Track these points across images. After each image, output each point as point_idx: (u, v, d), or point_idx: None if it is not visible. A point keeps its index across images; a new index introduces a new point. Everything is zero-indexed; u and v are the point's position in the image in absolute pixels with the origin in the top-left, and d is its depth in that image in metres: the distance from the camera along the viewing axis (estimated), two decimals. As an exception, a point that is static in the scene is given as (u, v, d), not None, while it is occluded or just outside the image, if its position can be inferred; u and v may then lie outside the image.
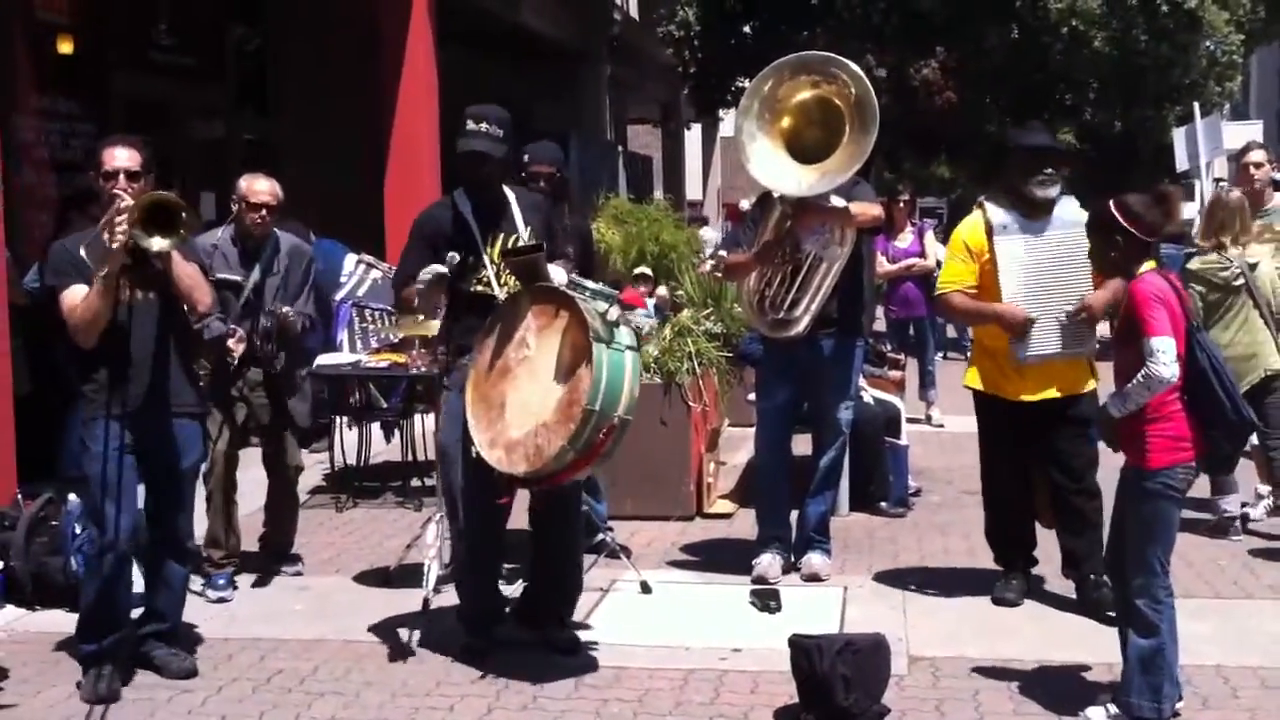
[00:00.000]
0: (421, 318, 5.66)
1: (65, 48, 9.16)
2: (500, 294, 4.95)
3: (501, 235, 5.02)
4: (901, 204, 10.53)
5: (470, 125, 5.04)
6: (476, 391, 4.84)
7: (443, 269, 4.88)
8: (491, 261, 4.98)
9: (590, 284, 5.10)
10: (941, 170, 28.21)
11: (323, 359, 7.35)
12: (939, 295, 5.73)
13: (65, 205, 8.08)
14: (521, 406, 4.73)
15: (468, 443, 4.82)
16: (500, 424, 4.77)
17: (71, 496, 5.66)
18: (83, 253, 4.65)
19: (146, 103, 9.92)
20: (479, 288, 4.97)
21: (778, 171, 5.71)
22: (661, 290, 9.56)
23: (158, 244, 4.46)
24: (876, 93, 5.73)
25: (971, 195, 24.22)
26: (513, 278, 4.94)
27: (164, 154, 10.24)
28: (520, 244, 5.00)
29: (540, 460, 4.62)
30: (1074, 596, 5.51)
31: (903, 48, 16.01)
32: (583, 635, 5.22)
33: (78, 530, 5.57)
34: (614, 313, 4.71)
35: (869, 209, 5.80)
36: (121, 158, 4.67)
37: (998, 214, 5.47)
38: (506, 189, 5.16)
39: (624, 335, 4.73)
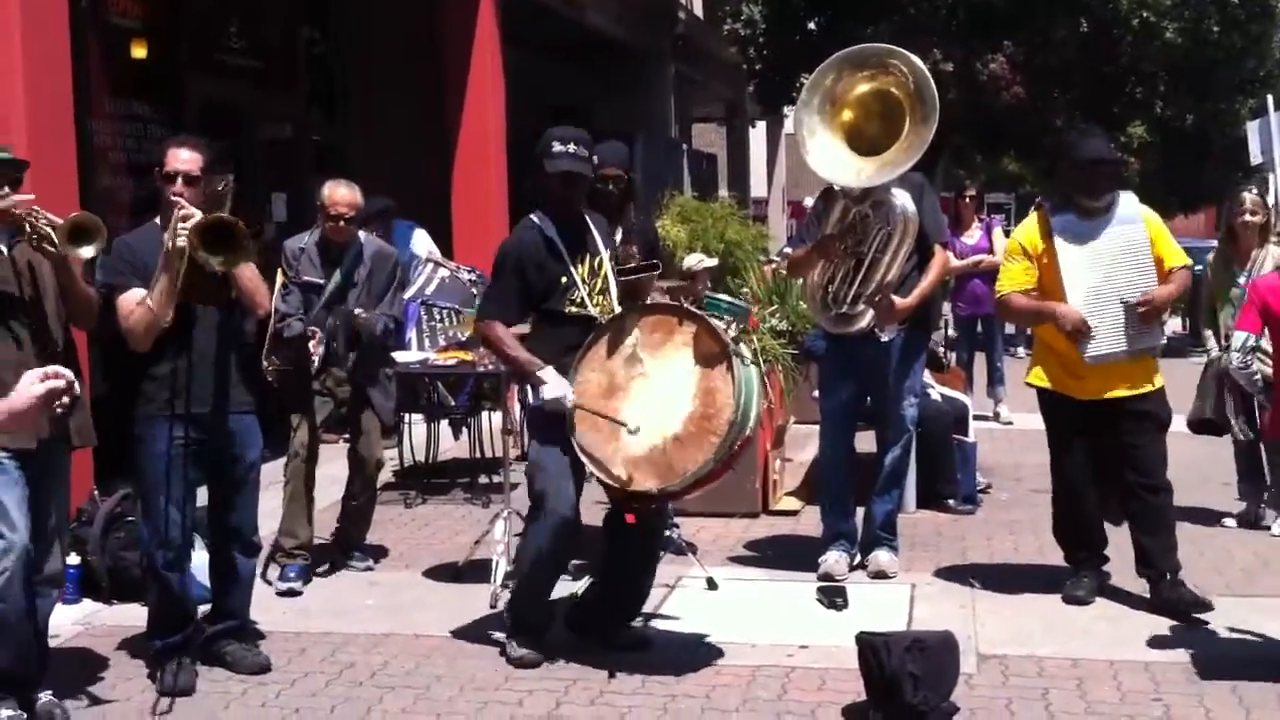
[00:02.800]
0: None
1: (139, 52, 9.31)
2: (595, 314, 4.93)
3: (588, 255, 5.01)
4: (968, 199, 10.44)
5: (558, 147, 4.99)
6: (580, 412, 4.81)
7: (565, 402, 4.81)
8: (584, 282, 4.95)
9: (724, 298, 5.17)
10: (1010, 166, 27.93)
11: (395, 357, 7.44)
12: (998, 298, 5.70)
13: (141, 208, 8.22)
14: (643, 423, 4.72)
15: (574, 461, 4.81)
16: (615, 443, 4.76)
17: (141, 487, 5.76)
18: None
19: (218, 105, 10.06)
20: (573, 308, 4.95)
21: (837, 164, 5.70)
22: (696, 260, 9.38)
23: (218, 264, 4.55)
24: (943, 88, 5.71)
25: (1041, 191, 23.98)
26: (601, 297, 4.95)
27: (235, 156, 10.45)
28: (635, 263, 5.11)
29: (674, 475, 4.65)
30: (1145, 595, 5.45)
31: (970, 42, 15.87)
32: (649, 631, 5.25)
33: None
34: (733, 330, 4.73)
35: (932, 283, 5.85)
36: (182, 160, 4.71)
37: (1056, 218, 5.43)
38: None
39: (745, 350, 4.76)
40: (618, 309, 4.94)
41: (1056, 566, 5.76)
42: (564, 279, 4.94)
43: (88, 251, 4.37)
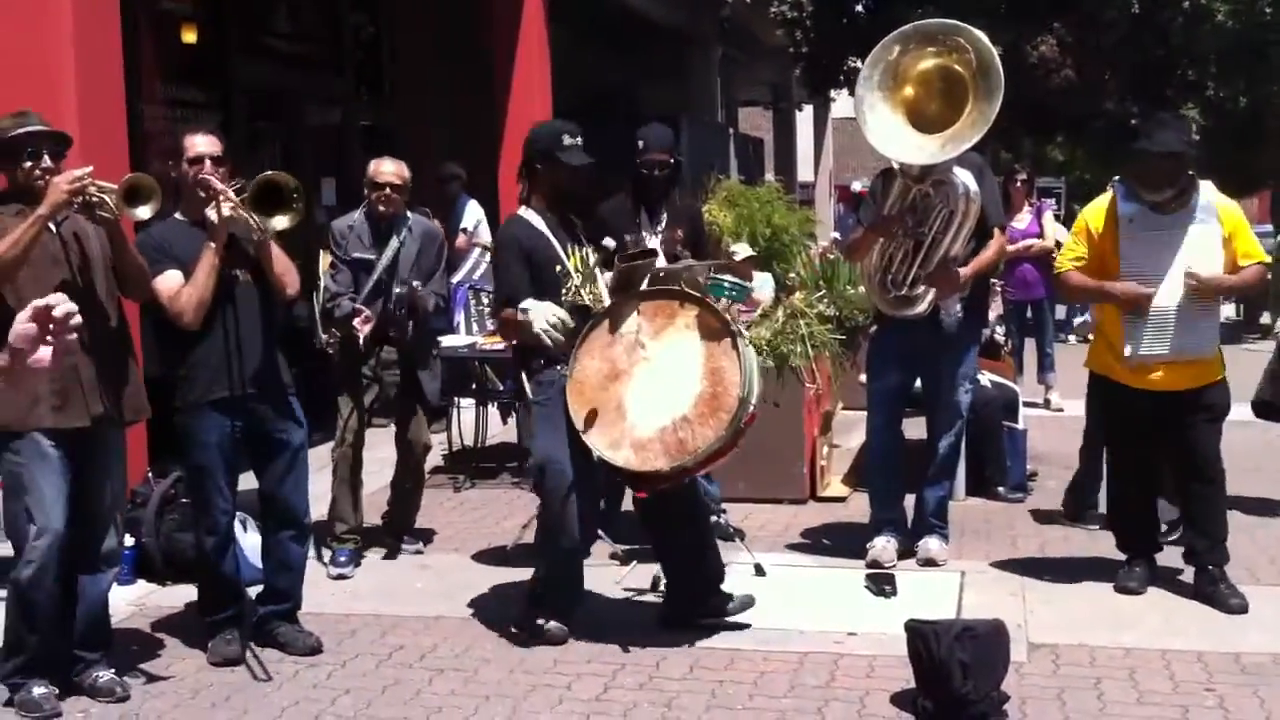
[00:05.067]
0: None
1: (189, 37, 9.37)
2: (591, 303, 4.99)
3: (575, 247, 5.09)
4: (1019, 183, 10.34)
5: (569, 140, 5.10)
6: (580, 399, 4.88)
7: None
8: (577, 271, 5.02)
9: (727, 279, 5.21)
10: (1054, 153, 27.64)
11: (442, 340, 7.47)
12: (1057, 274, 5.63)
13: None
14: (647, 405, 4.81)
15: (580, 447, 4.87)
16: (621, 425, 4.83)
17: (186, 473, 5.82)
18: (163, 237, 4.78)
19: (266, 90, 10.12)
20: (567, 298, 5.01)
21: (899, 141, 5.60)
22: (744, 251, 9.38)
23: (280, 223, 4.63)
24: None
25: (1092, 175, 23.65)
26: (591, 287, 5.00)
27: (284, 141, 10.51)
28: (632, 250, 5.17)
29: (684, 453, 4.74)
30: (1199, 585, 5.40)
31: (1018, 24, 15.69)
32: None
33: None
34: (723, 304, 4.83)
35: (990, 258, 5.79)
36: (203, 144, 4.77)
37: (1124, 205, 5.33)
38: None
39: (742, 329, 4.90)
40: (605, 299, 4.99)
41: (1109, 556, 5.72)
42: (558, 268, 5.01)
43: (144, 211, 4.43)
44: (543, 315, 4.86)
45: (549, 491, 4.98)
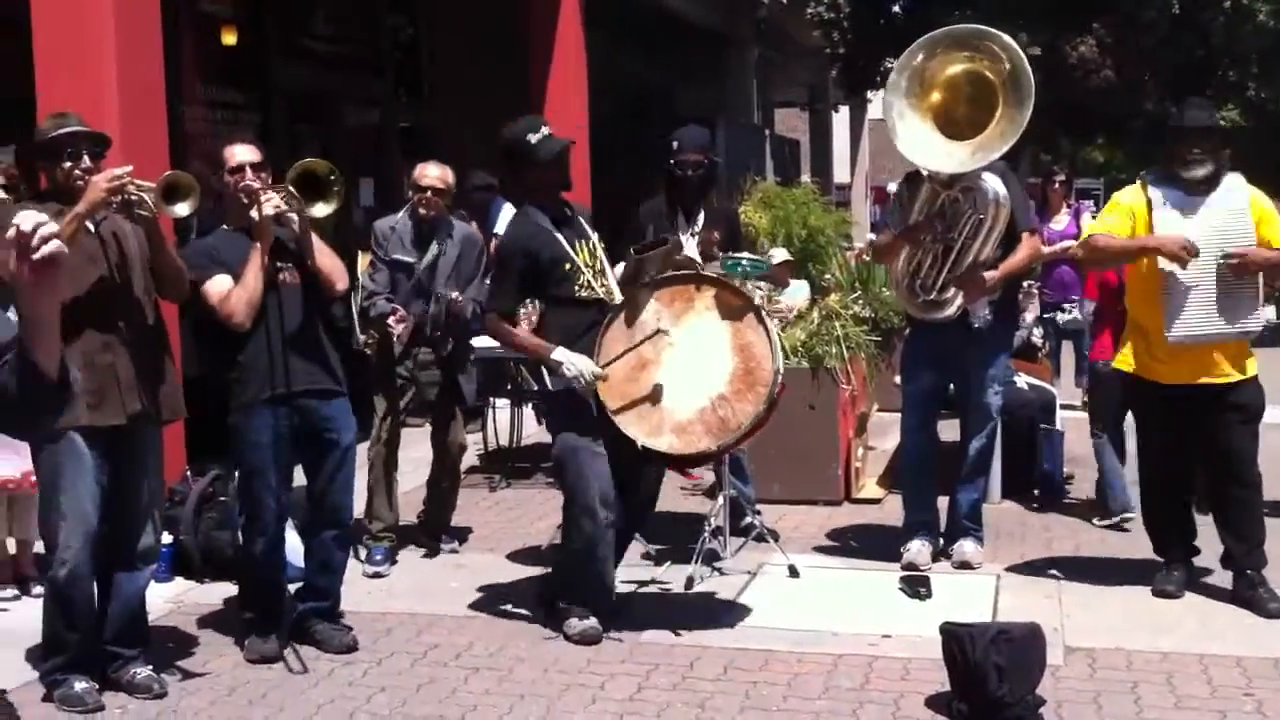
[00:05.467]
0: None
1: (229, 39, 9.46)
2: (604, 296, 5.04)
3: (582, 240, 5.13)
4: (1057, 185, 10.28)
5: (543, 131, 5.16)
6: (611, 392, 4.93)
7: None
8: (586, 265, 5.06)
9: (745, 256, 5.46)
10: (1094, 155, 27.45)
11: (477, 342, 7.49)
12: (1087, 240, 5.53)
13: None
14: (681, 388, 4.91)
15: (605, 435, 4.92)
16: (658, 412, 4.91)
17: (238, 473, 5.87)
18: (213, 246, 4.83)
19: (306, 93, 10.20)
20: (583, 293, 5.05)
21: (928, 148, 5.61)
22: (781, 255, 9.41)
23: (320, 210, 4.71)
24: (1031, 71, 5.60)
25: (1130, 177, 23.52)
26: (602, 280, 5.06)
27: (323, 142, 10.57)
28: (648, 241, 5.26)
29: (727, 430, 4.89)
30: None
31: (1057, 25, 15.60)
32: (730, 619, 5.25)
33: (244, 507, 5.78)
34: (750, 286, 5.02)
35: (1019, 261, 5.75)
36: (243, 153, 4.83)
37: (1157, 191, 5.32)
38: None
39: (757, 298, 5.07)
40: (615, 290, 5.05)
41: (1146, 559, 5.68)
42: (568, 265, 5.04)
43: (183, 209, 4.46)
44: (576, 367, 4.90)
45: (572, 478, 5.00)
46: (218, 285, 4.72)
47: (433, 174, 6.14)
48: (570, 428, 5.01)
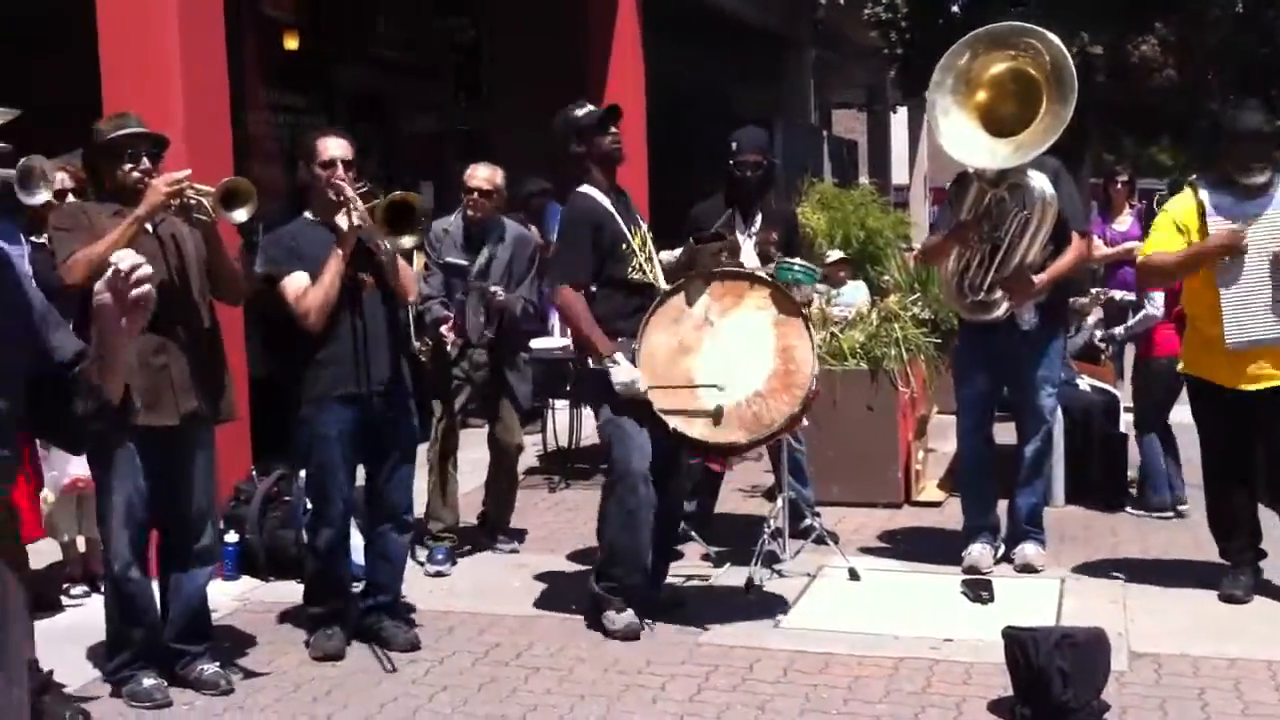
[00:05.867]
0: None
1: (291, 43, 9.57)
2: (657, 280, 5.11)
3: (635, 226, 5.21)
4: (1120, 185, 10.17)
5: (581, 110, 5.23)
6: (651, 372, 5.01)
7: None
8: (641, 250, 5.13)
9: (797, 262, 5.61)
10: (1161, 156, 27.12)
11: (536, 343, 7.53)
12: (1140, 262, 5.49)
13: (295, 195, 8.46)
14: (719, 380, 4.99)
15: (647, 420, 4.99)
16: (690, 399, 5.01)
17: (303, 473, 5.92)
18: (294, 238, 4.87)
19: (367, 96, 10.29)
20: (636, 275, 5.12)
21: (971, 145, 5.59)
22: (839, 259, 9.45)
23: (408, 241, 4.80)
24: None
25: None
26: (650, 266, 5.14)
27: (384, 145, 10.67)
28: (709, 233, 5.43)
29: (761, 427, 4.99)
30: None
31: (1119, 24, 15.44)
32: (790, 620, 5.25)
33: (309, 505, 5.83)
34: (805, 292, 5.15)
35: (1067, 264, 5.71)
36: (338, 147, 4.84)
37: (1210, 196, 5.25)
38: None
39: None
40: (660, 278, 5.14)
41: (1212, 562, 5.60)
42: (624, 246, 5.10)
43: (241, 215, 4.51)
44: (627, 376, 4.94)
45: (618, 451, 5.04)
46: (295, 282, 4.75)
47: (481, 175, 6.17)
48: (612, 404, 5.05)
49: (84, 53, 5.91)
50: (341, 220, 4.71)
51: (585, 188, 5.20)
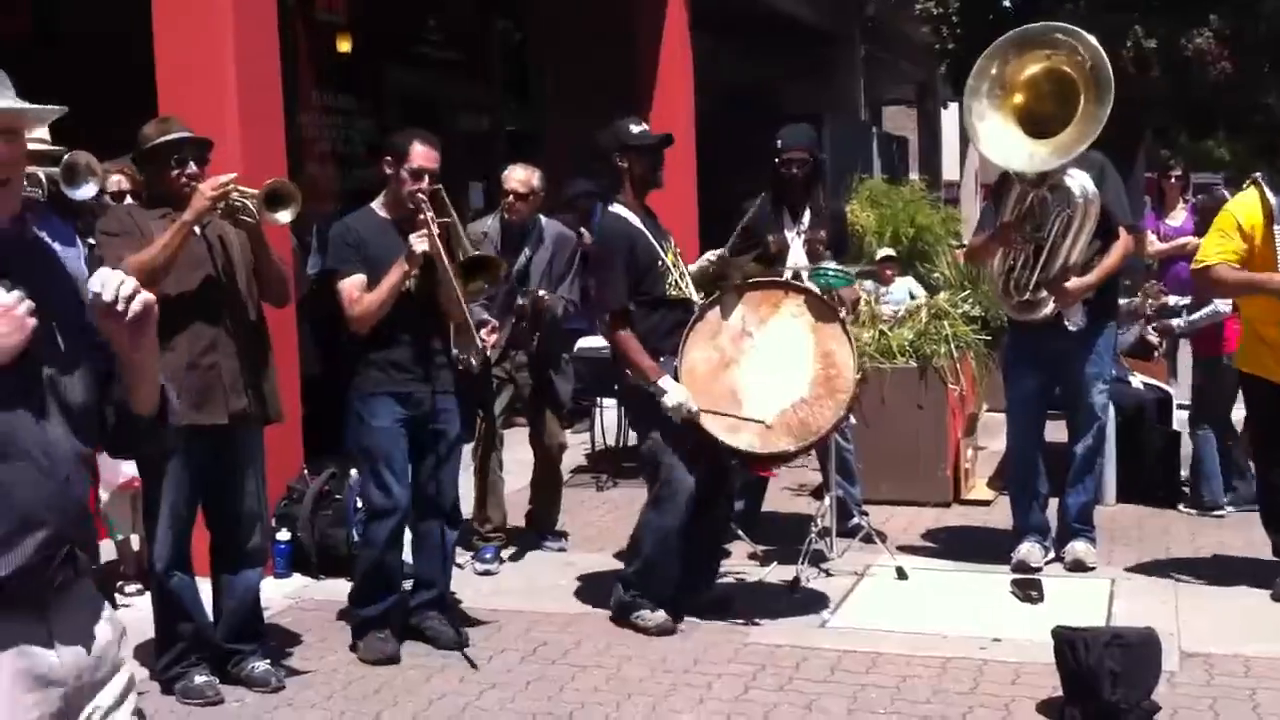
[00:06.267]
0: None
1: (343, 46, 9.65)
2: (692, 296, 5.13)
3: (666, 242, 5.22)
4: (1174, 180, 10.06)
5: (635, 127, 5.25)
6: (694, 388, 5.01)
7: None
8: (674, 266, 5.14)
9: (831, 267, 5.64)
10: (1219, 151, 26.76)
11: (583, 342, 7.56)
12: (1199, 268, 5.37)
13: (348, 196, 8.54)
14: (763, 390, 5.02)
15: (693, 437, 4.99)
16: (736, 410, 5.01)
17: (353, 471, 5.98)
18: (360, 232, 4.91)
19: (417, 98, 10.36)
20: (673, 292, 5.14)
21: (1009, 148, 5.57)
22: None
23: (475, 289, 4.94)
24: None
25: (1249, 171, 22.86)
26: (682, 281, 5.17)
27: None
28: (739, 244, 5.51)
29: (808, 433, 5.03)
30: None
31: (1173, 17, 15.25)
32: (837, 619, 5.24)
33: (359, 504, 5.88)
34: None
35: (1113, 263, 5.66)
36: (429, 159, 4.83)
37: (1276, 200, 5.17)
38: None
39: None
40: (693, 294, 5.16)
41: (1265, 561, 5.54)
42: (659, 264, 5.13)
43: (284, 216, 4.56)
44: (677, 399, 4.95)
45: (663, 477, 5.07)
46: (353, 283, 4.78)
47: (517, 178, 6.15)
48: (662, 423, 5.05)
49: (140, 59, 5.97)
50: (418, 244, 4.68)
51: (617, 207, 5.23)
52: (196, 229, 4.49)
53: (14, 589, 2.19)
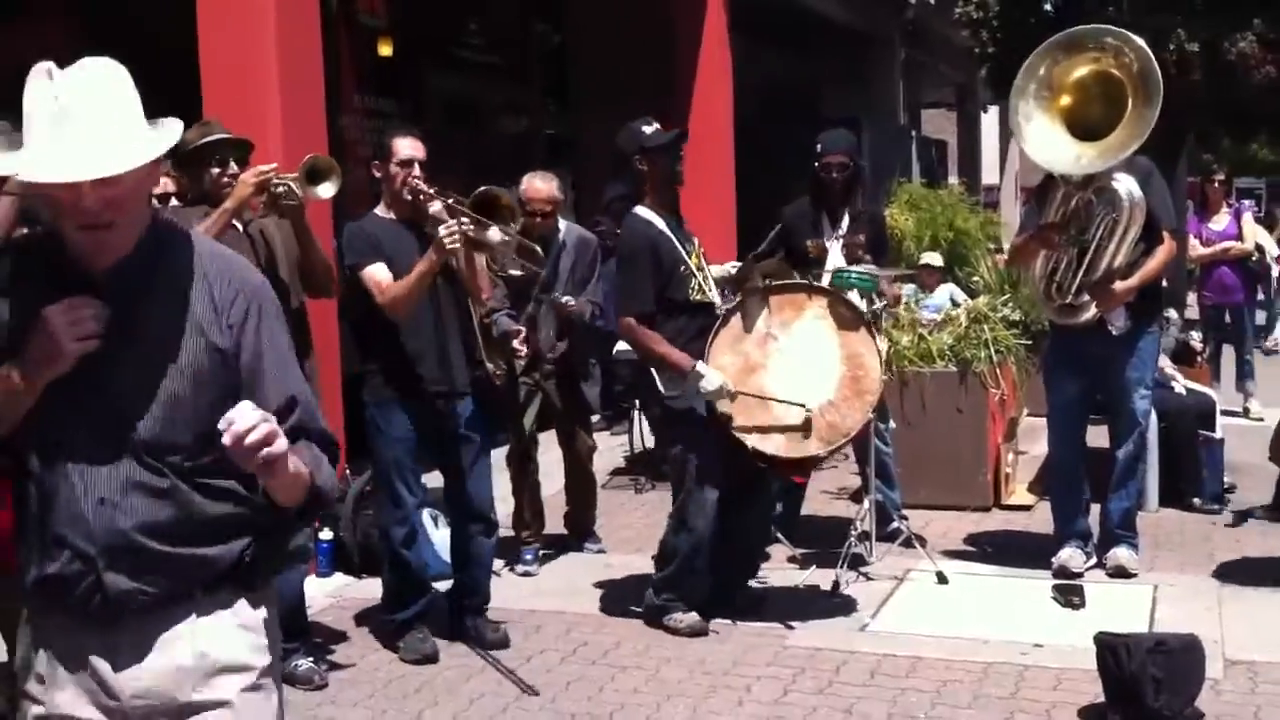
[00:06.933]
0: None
1: (384, 49, 9.70)
2: (717, 299, 5.13)
3: (688, 244, 5.20)
4: (1217, 184, 10.00)
5: (648, 128, 5.23)
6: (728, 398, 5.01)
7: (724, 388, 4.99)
8: (697, 269, 5.13)
9: (855, 270, 5.58)
10: (1263, 153, 26.53)
11: (622, 345, 7.55)
12: None
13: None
14: (789, 393, 5.02)
15: (722, 443, 4.99)
16: (765, 416, 5.02)
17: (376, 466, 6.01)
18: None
19: (457, 100, 10.41)
20: (697, 296, 5.14)
21: (1055, 150, 5.54)
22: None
23: (494, 235, 4.92)
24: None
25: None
26: (706, 285, 5.16)
27: (473, 149, 10.78)
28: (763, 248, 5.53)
29: (837, 435, 5.04)
30: None
31: (1216, 20, 15.13)
32: (877, 623, 5.23)
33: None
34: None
35: (1156, 267, 5.63)
36: (413, 147, 4.91)
37: None
38: None
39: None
40: (715, 295, 5.15)
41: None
42: (683, 268, 5.11)
43: (326, 190, 4.59)
44: (715, 382, 4.95)
45: (691, 485, 5.08)
46: (378, 273, 4.80)
47: (540, 192, 6.10)
48: (690, 428, 5.07)
49: (185, 65, 6.03)
50: (446, 238, 4.69)
51: (641, 210, 5.22)
52: (238, 224, 4.53)
53: (55, 594, 2.22)
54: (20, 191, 3.75)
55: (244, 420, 2.07)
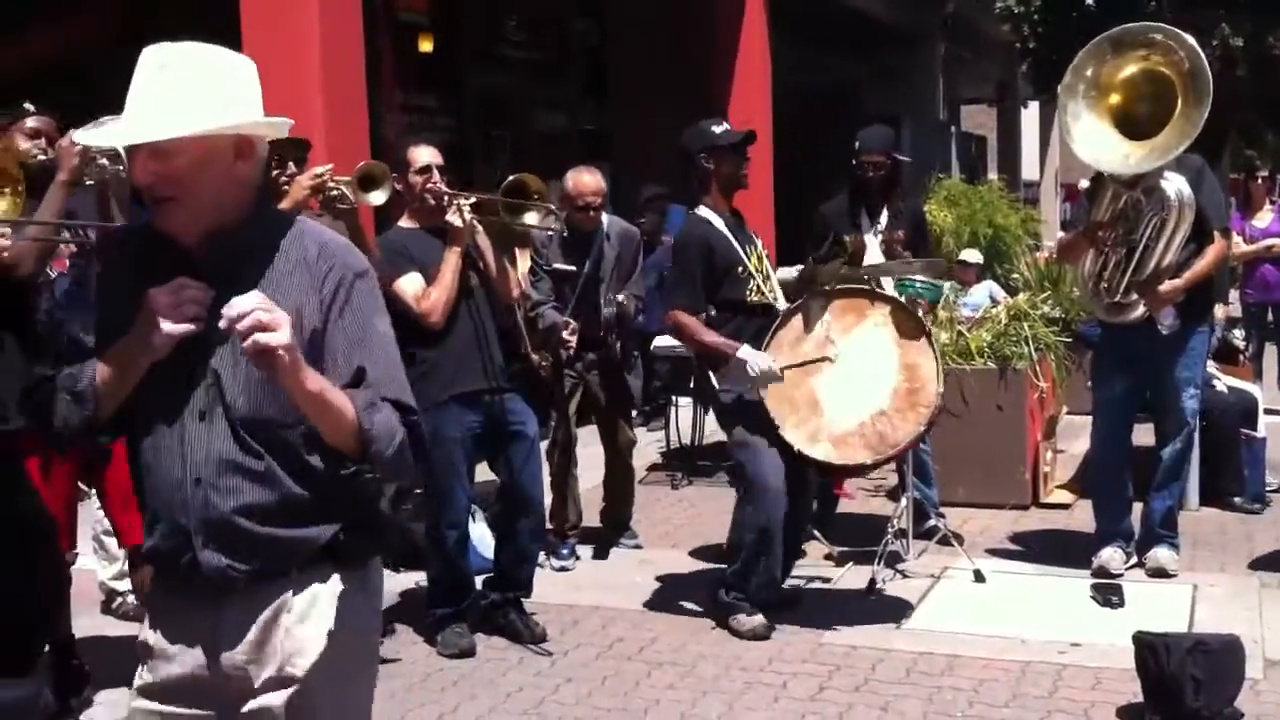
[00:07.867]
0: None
1: (425, 46, 9.76)
2: (776, 301, 5.12)
3: (751, 246, 5.20)
4: (1260, 180, 9.90)
5: (717, 128, 5.24)
6: (774, 394, 5.01)
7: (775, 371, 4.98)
8: (756, 271, 5.13)
9: (920, 279, 5.55)
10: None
11: (660, 340, 7.58)
12: None
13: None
14: (842, 399, 5.01)
15: (775, 439, 4.98)
16: (816, 420, 5.01)
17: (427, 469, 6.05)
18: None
19: (496, 96, 10.45)
20: (754, 297, 5.13)
21: (1104, 149, 5.49)
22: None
23: (532, 218, 5.02)
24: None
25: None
26: (768, 285, 5.14)
27: (512, 145, 10.83)
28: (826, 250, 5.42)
29: (886, 446, 4.97)
30: None
31: (1260, 15, 14.97)
32: (914, 621, 5.23)
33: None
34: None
35: (1205, 267, 5.56)
36: (429, 155, 4.94)
37: None
38: None
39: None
40: (780, 297, 5.14)
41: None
42: (740, 269, 5.10)
43: (378, 197, 4.65)
44: (760, 366, 4.94)
45: (751, 471, 5.05)
46: (412, 283, 4.84)
47: (588, 186, 6.09)
48: (747, 426, 5.06)
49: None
50: (454, 219, 4.79)
51: (702, 210, 5.23)
52: None
53: (160, 567, 2.37)
54: (70, 178, 3.80)
55: (241, 304, 2.08)
